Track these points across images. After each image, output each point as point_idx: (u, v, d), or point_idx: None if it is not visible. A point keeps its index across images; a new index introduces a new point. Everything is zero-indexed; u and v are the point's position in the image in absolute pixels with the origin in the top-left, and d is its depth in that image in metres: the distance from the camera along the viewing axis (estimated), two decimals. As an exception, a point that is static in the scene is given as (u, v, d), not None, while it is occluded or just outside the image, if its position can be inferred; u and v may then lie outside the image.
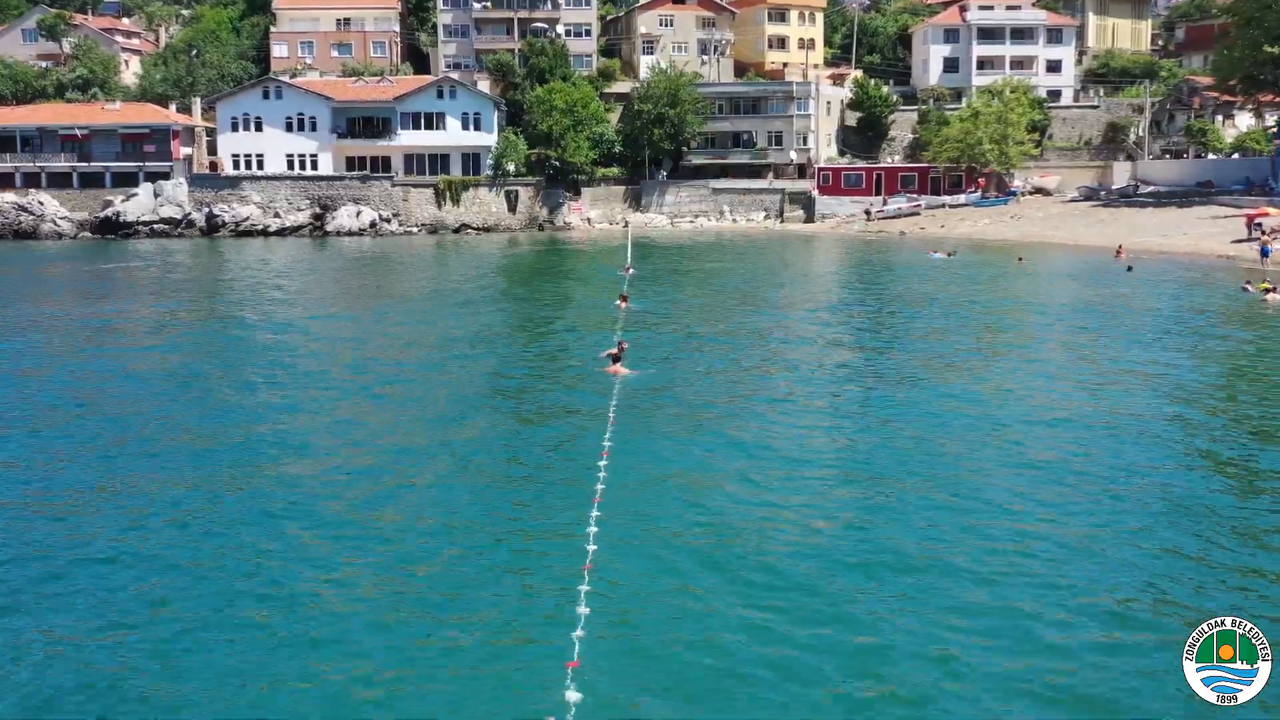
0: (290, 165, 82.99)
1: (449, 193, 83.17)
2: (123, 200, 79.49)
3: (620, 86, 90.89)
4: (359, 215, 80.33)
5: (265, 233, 78.65)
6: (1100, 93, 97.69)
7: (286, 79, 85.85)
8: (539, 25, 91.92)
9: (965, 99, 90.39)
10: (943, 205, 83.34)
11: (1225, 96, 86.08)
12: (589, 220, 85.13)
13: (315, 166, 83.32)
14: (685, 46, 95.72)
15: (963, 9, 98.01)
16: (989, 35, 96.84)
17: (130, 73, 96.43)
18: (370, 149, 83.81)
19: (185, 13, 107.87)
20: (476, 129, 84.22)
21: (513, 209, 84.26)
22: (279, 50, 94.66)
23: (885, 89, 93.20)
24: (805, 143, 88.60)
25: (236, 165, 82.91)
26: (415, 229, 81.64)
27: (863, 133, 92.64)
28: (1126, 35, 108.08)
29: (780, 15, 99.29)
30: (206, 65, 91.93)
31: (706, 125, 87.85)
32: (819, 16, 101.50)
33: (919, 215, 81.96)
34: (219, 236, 77.79)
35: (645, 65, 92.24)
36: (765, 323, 34.63)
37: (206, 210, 79.41)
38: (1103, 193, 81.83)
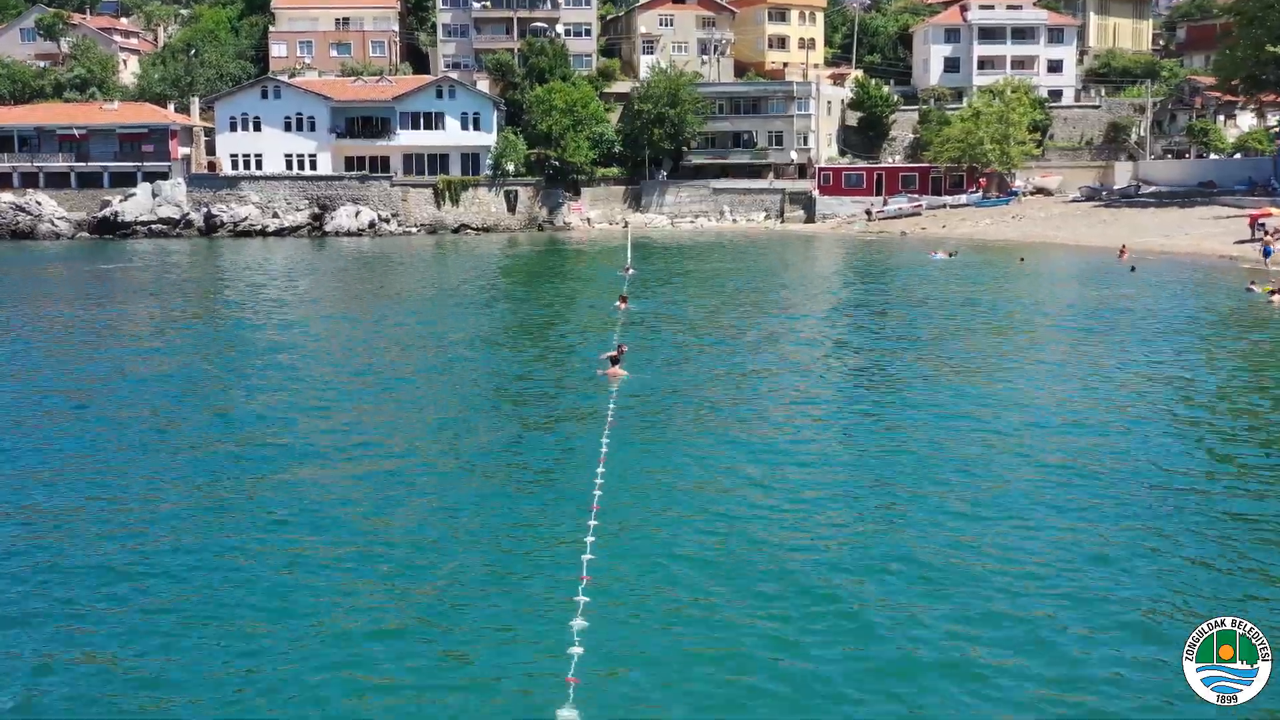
0: (289, 165, 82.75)
1: (448, 193, 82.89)
2: (121, 200, 79.24)
3: (620, 86, 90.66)
4: (358, 215, 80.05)
5: (264, 233, 78.38)
6: (1101, 92, 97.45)
7: (285, 79, 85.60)
8: (539, 25, 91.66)
9: (966, 99, 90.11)
10: (944, 205, 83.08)
11: (1227, 96, 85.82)
12: (589, 220, 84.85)
13: (314, 166, 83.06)
14: (685, 46, 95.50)
15: (963, 9, 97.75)
16: (990, 35, 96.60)
17: (129, 72, 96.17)
18: (369, 149, 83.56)
19: (184, 12, 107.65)
20: (476, 129, 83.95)
21: (512, 209, 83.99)
22: (278, 50, 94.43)
23: (886, 89, 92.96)
24: (806, 143, 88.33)
25: (235, 165, 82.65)
26: (414, 229, 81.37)
27: (863, 133, 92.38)
28: (1128, 35, 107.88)
29: (780, 15, 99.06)
30: (205, 65, 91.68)
31: (707, 125, 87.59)
32: (819, 16, 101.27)
33: (920, 215, 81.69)
34: (217, 237, 77.53)
35: (645, 65, 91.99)
36: (766, 325, 34.34)
37: (205, 210, 79.16)
38: (1104, 193, 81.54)
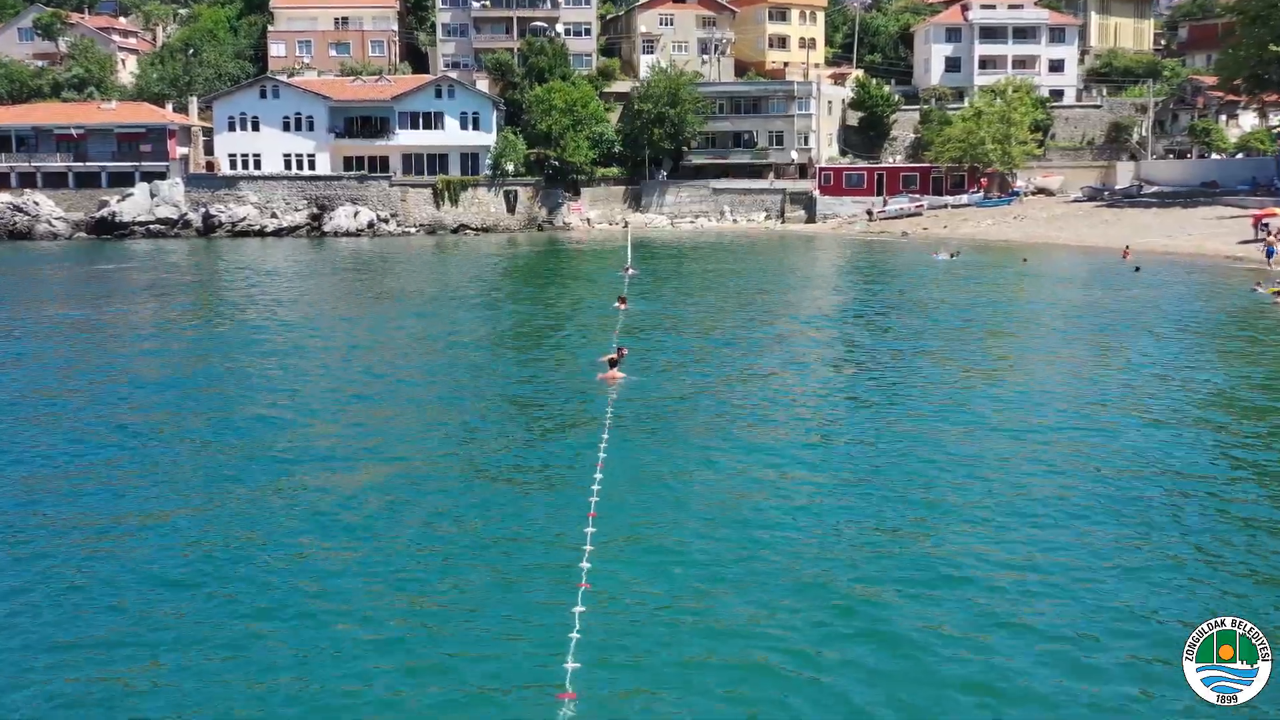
0: (287, 165, 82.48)
1: (447, 193, 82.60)
2: (119, 200, 78.97)
3: (620, 86, 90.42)
4: (357, 215, 79.77)
5: (262, 233, 78.11)
6: (1103, 92, 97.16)
7: (284, 78, 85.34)
8: (538, 24, 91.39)
9: (967, 98, 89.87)
10: (945, 205, 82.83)
11: (1229, 96, 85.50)
12: (588, 221, 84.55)
13: (313, 166, 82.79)
14: (685, 46, 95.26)
15: (964, 8, 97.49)
16: (991, 34, 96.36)
17: (127, 72, 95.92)
18: (368, 149, 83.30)
19: (182, 12, 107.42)
20: (475, 128, 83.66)
21: (512, 209, 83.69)
22: (276, 49, 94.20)
23: (887, 88, 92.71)
24: (806, 142, 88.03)
25: (233, 165, 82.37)
26: (413, 229, 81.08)
27: (864, 132, 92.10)
28: (1129, 34, 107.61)
29: (781, 14, 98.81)
30: (204, 64, 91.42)
31: (707, 125, 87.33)
32: (820, 15, 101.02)
33: (921, 216, 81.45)
34: (216, 237, 77.26)
35: (645, 64, 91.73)
36: (768, 326, 33.98)
37: (203, 210, 78.90)
38: (1106, 193, 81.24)
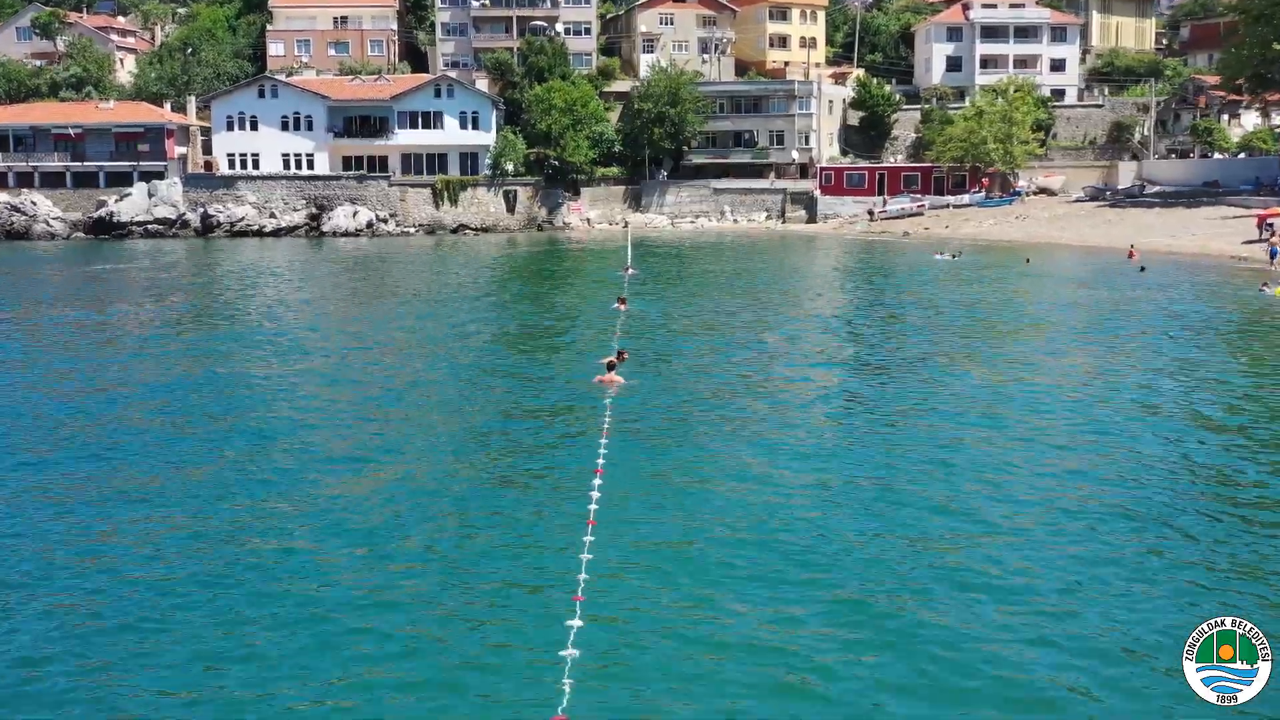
0: (286, 165, 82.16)
1: (447, 193, 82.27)
2: (116, 200, 78.68)
3: (620, 85, 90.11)
4: (355, 215, 79.45)
5: (261, 233, 77.81)
6: (1105, 92, 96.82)
7: (282, 78, 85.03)
8: (538, 23, 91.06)
9: (968, 98, 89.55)
10: (946, 205, 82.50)
11: (1231, 96, 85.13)
12: (588, 220, 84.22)
13: (311, 166, 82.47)
14: (686, 45, 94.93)
15: (965, 7, 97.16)
16: (992, 34, 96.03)
17: (125, 71, 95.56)
18: (367, 148, 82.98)
19: (181, 11, 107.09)
20: (475, 128, 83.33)
21: (511, 209, 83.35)
22: (275, 49, 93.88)
23: (888, 88, 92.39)
24: (807, 142, 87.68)
25: (232, 165, 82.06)
26: (412, 229, 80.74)
27: (865, 132, 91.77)
28: (1131, 34, 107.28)
29: (782, 13, 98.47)
30: (202, 64, 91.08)
31: (707, 124, 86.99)
32: (821, 15, 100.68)
33: (922, 215, 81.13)
34: (214, 237, 76.95)
35: (645, 64, 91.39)
36: (769, 328, 33.60)
37: (201, 210, 78.59)
38: (1108, 193, 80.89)
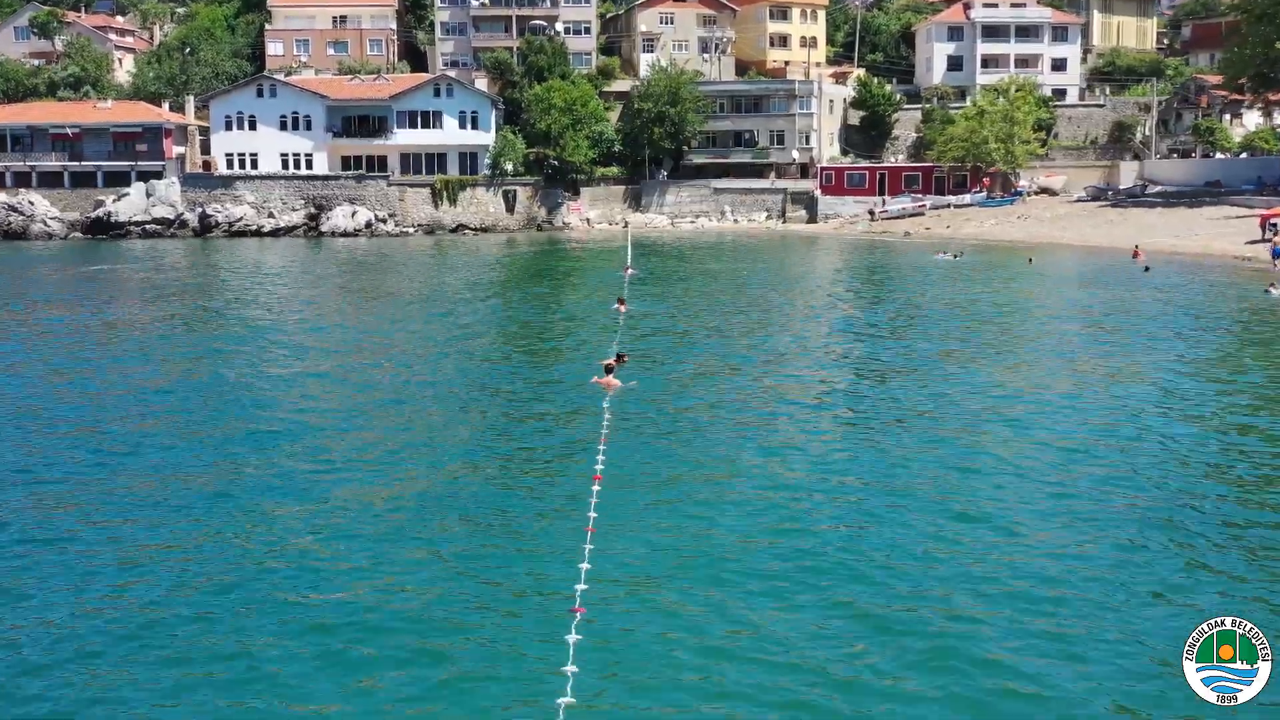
0: (285, 165, 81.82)
1: (446, 193, 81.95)
2: (114, 200, 78.35)
3: (620, 85, 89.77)
4: (354, 215, 79.13)
5: (259, 233, 77.49)
6: (1106, 91, 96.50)
7: (281, 77, 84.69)
8: (538, 23, 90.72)
9: (969, 97, 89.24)
10: (948, 205, 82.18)
11: (1233, 95, 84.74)
12: (588, 220, 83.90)
13: (310, 166, 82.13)
14: (686, 44, 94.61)
15: (967, 6, 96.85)
16: (993, 33, 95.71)
17: (123, 71, 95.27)
18: (366, 148, 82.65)
19: (180, 10, 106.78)
20: (474, 128, 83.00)
21: (511, 209, 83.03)
22: (274, 48, 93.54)
23: (888, 87, 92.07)
24: (808, 142, 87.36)
25: (230, 164, 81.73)
26: (411, 229, 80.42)
27: (866, 132, 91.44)
28: (1132, 33, 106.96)
29: (782, 13, 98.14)
30: (201, 63, 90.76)
31: (707, 124, 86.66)
32: (821, 14, 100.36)
33: (923, 215, 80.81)
34: (212, 237, 76.63)
35: (645, 63, 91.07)
36: (770, 330, 33.30)
37: (199, 210, 78.27)
38: (1110, 193, 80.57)
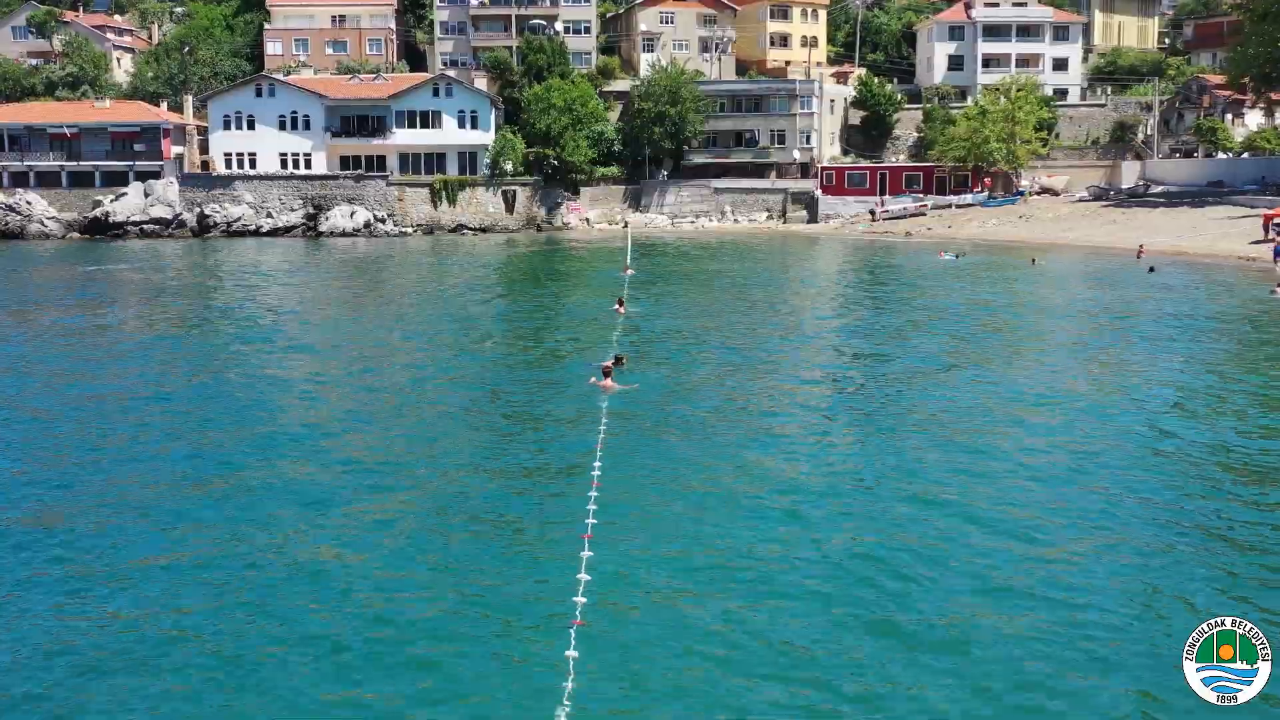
0: (283, 164, 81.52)
1: (445, 192, 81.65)
2: (112, 200, 78.07)
3: (620, 84, 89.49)
4: (353, 215, 78.84)
5: (258, 233, 77.20)
6: (1108, 91, 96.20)
7: (280, 76, 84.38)
8: (537, 22, 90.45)
9: (971, 97, 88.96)
10: (949, 205, 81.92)
11: (1235, 95, 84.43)
12: (588, 220, 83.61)
13: (309, 166, 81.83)
14: (686, 44, 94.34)
15: (968, 6, 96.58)
16: (994, 32, 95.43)
17: (122, 70, 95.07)
18: (365, 148, 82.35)
19: (178, 9, 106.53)
20: (473, 127, 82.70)
21: (510, 209, 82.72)
22: (273, 47, 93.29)
23: (889, 87, 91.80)
24: (808, 142, 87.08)
25: (229, 164, 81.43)
26: (410, 229, 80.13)
27: (867, 131, 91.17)
28: (1133, 32, 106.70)
29: (783, 12, 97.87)
30: (199, 63, 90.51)
31: (708, 124, 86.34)
32: (822, 14, 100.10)
33: (925, 215, 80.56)
34: (210, 237, 76.35)
35: (645, 63, 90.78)
36: (771, 332, 32.97)
37: (198, 210, 77.98)
38: (1112, 192, 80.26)
